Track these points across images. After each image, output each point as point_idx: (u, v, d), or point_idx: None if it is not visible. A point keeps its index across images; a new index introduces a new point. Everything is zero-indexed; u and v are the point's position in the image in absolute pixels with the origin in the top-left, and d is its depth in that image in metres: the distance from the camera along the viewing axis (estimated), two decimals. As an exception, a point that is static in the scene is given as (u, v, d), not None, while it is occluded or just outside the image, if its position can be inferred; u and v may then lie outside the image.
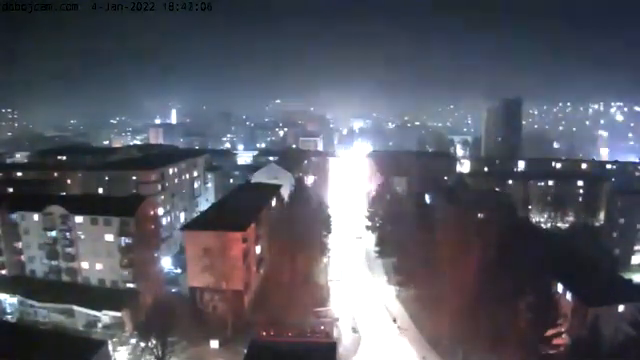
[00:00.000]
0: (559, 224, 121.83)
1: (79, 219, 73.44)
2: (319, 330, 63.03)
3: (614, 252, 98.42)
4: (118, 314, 67.51)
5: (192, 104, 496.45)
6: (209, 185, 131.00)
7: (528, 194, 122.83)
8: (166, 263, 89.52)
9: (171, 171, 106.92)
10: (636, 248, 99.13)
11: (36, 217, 74.89)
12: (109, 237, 72.47)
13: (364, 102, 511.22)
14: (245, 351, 50.34)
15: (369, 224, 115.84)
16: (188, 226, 78.06)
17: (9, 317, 70.80)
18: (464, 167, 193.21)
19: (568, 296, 60.20)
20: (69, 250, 74.21)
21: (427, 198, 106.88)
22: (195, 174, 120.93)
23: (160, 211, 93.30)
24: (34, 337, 53.54)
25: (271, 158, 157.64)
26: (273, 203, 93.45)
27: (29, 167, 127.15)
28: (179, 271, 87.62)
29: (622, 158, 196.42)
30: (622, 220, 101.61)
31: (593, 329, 52.89)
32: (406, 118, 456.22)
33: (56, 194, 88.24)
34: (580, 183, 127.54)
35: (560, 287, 61.61)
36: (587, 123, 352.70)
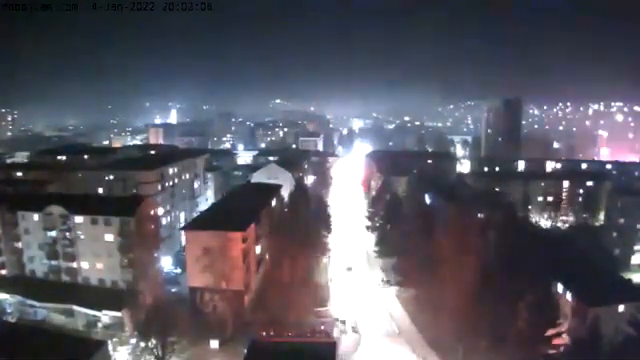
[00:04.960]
0: (559, 224, 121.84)
1: (79, 219, 73.32)
2: (319, 330, 63.08)
3: (614, 252, 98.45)
4: (118, 314, 67.46)
5: (192, 104, 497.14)
6: (209, 185, 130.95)
7: (528, 194, 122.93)
8: (166, 263, 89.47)
9: (171, 171, 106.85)
10: (636, 248, 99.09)
11: (36, 217, 74.76)
12: (109, 237, 72.33)
13: (364, 102, 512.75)
14: (245, 351, 50.35)
15: (369, 224, 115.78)
16: (188, 226, 78.06)
17: (9, 317, 70.69)
18: (464, 167, 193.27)
19: (568, 296, 60.24)
20: (69, 250, 74.06)
21: (427, 198, 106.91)
22: (195, 174, 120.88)
23: (160, 211, 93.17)
24: (34, 337, 53.48)
25: (271, 158, 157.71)
26: (273, 203, 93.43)
27: (29, 167, 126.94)
28: (179, 271, 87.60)
29: (622, 158, 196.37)
30: (622, 220, 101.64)
31: (593, 329, 52.95)
32: (406, 118, 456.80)
33: (56, 194, 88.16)
34: (580, 183, 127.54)
35: (560, 287, 61.64)
36: (587, 123, 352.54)
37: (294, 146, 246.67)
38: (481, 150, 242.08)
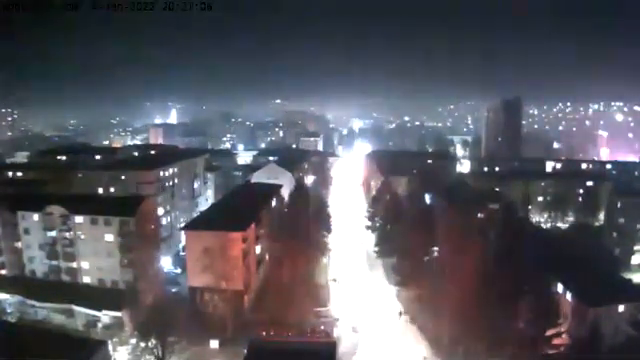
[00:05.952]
0: (559, 224, 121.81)
1: (79, 219, 73.38)
2: (319, 330, 63.06)
3: (614, 252, 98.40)
4: (118, 314, 67.48)
5: (192, 104, 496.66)
6: (209, 185, 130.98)
7: (528, 194, 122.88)
8: (166, 263, 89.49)
9: (171, 171, 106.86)
10: (636, 248, 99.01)
11: (36, 217, 74.80)
12: (109, 237, 72.38)
13: (364, 102, 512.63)
14: (245, 351, 50.35)
15: (369, 224, 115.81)
16: (188, 226, 78.06)
17: (9, 317, 70.69)
18: (464, 167, 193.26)
19: (568, 296, 60.22)
20: (69, 250, 74.14)
21: (427, 198, 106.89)
22: (195, 174, 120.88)
23: (160, 211, 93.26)
24: (34, 337, 53.45)
25: (271, 158, 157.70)
26: (273, 203, 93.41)
27: (29, 167, 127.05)
28: (179, 271, 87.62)
29: (622, 158, 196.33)
30: (622, 220, 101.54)
31: (593, 329, 52.99)
32: (406, 118, 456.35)
33: (56, 194, 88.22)
34: (580, 183, 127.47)
35: (560, 287, 61.63)
36: (587, 123, 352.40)
37: (294, 146, 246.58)
38: (481, 150, 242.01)
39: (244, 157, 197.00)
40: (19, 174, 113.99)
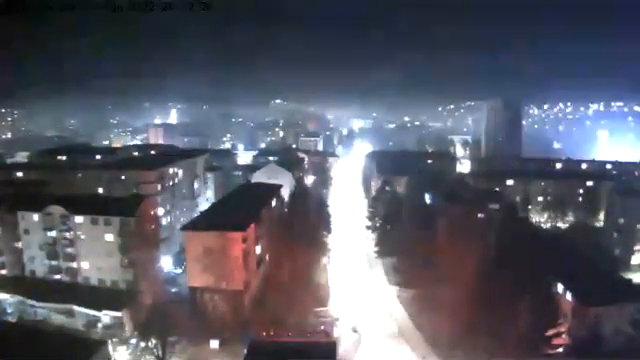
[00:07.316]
0: (559, 224, 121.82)
1: (79, 219, 73.44)
2: (319, 330, 63.10)
3: (614, 252, 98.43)
4: (118, 314, 67.46)
5: (192, 104, 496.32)
6: (209, 185, 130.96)
7: (528, 194, 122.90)
8: (166, 263, 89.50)
9: (171, 171, 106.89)
10: (636, 248, 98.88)
11: (36, 217, 74.82)
12: (109, 237, 72.41)
13: (364, 102, 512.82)
14: (245, 351, 50.39)
15: (369, 224, 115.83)
16: (188, 226, 77.96)
17: (9, 317, 70.74)
18: (464, 167, 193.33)
19: (568, 296, 60.21)
20: (69, 250, 74.18)
21: (427, 198, 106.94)
22: (195, 174, 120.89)
23: (160, 211, 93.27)
24: (34, 337, 53.55)
25: (271, 158, 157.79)
26: (273, 203, 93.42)
27: (29, 167, 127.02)
28: (179, 271, 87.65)
29: (622, 158, 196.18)
30: (622, 220, 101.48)
31: (593, 329, 53.02)
32: (406, 118, 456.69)
33: (56, 194, 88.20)
34: (580, 183, 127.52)
35: (560, 287, 61.64)
36: (587, 123, 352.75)
37: (294, 146, 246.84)
38: (481, 150, 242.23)
39: (244, 157, 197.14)
40: (19, 174, 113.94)
